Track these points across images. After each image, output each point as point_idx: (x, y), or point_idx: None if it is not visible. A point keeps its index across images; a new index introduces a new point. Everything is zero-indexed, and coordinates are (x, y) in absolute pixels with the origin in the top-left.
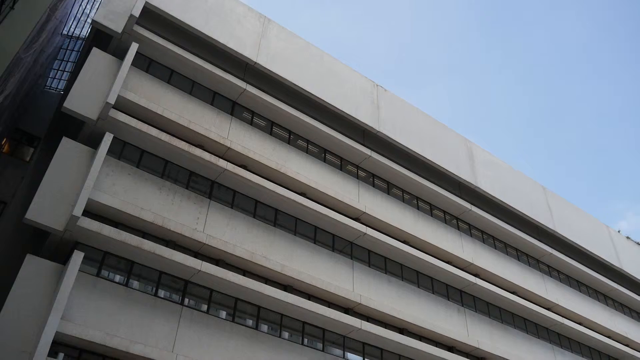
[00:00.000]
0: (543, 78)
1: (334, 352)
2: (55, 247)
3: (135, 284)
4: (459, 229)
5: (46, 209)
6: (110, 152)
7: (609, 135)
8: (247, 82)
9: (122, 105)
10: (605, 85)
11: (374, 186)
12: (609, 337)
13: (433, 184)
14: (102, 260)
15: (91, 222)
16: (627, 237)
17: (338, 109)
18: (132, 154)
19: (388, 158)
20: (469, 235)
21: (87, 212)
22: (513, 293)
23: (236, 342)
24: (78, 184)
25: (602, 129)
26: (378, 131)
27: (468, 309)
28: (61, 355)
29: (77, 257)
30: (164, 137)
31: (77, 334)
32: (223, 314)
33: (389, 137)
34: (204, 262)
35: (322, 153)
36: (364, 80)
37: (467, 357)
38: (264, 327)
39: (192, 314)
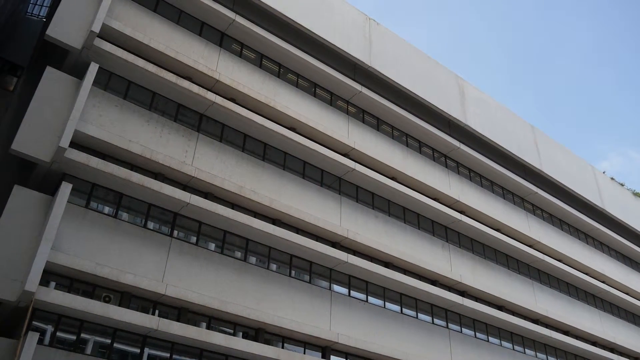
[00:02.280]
0: (533, 17)
1: (321, 284)
2: (42, 178)
3: (125, 215)
4: (446, 167)
5: (32, 139)
6: (96, 82)
7: (595, 76)
8: (236, 13)
9: (107, 34)
10: (593, 26)
11: (363, 122)
12: (587, 274)
13: (423, 121)
14: (90, 192)
15: (78, 154)
16: (612, 178)
17: (329, 42)
18: (118, 85)
19: (378, 94)
20: (457, 173)
21: (74, 144)
22: (497, 230)
23: (225, 273)
24: (64, 114)
25: (588, 69)
26: (369, 66)
27: (452, 245)
28: (53, 284)
29: (65, 188)
30: (151, 68)
31: (67, 263)
32: (212, 246)
33: (380, 73)
34: (192, 195)
35: (312, 87)
36: (356, 13)
37: (450, 291)
38: (253, 259)
39: (181, 245)
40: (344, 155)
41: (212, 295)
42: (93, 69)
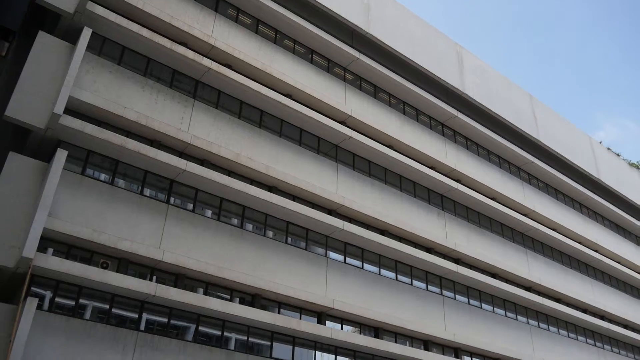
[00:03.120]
0: None
1: (317, 251)
2: (37, 145)
3: (121, 182)
4: (443, 135)
5: (26, 106)
6: (89, 48)
7: (592, 46)
8: None
9: None
10: None
11: (360, 89)
12: (580, 243)
13: (420, 89)
14: (86, 159)
15: (73, 120)
16: (608, 149)
17: (326, 7)
18: (112, 51)
19: (376, 61)
20: (453, 141)
21: (68, 110)
22: (492, 199)
23: (222, 240)
24: (58, 80)
25: (586, 39)
26: (367, 32)
27: (448, 213)
28: (50, 250)
29: (61, 155)
30: (145, 33)
31: (64, 230)
32: (209, 213)
33: (377, 39)
34: (189, 162)
35: (309, 54)
36: None
37: (444, 258)
38: (249, 226)
39: (178, 212)
40: (341, 122)
41: (209, 262)
42: (86, 33)
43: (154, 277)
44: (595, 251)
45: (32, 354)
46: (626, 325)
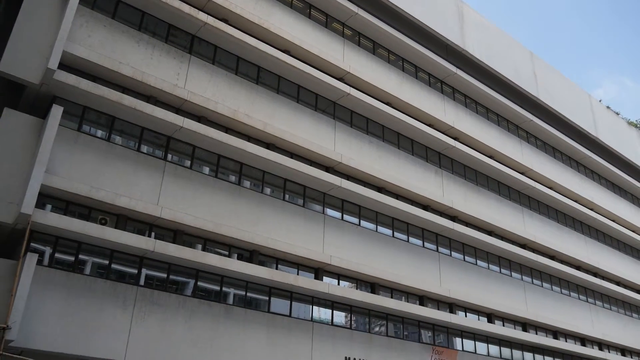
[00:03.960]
0: None
1: (314, 208)
2: (32, 101)
3: (118, 139)
4: (442, 92)
5: (20, 61)
6: (82, 1)
7: (593, 2)
8: None
9: None
10: None
11: (359, 45)
12: (576, 201)
13: (420, 45)
14: (82, 115)
15: (68, 76)
16: (607, 107)
17: None
18: (106, 4)
19: (375, 16)
20: (452, 99)
21: (63, 65)
22: (490, 157)
23: (220, 197)
24: (51, 35)
25: None
26: None
27: (445, 171)
28: (49, 206)
29: (56, 111)
30: None
31: (62, 186)
32: (206, 170)
33: None
34: (185, 119)
35: (306, 9)
36: None
37: (441, 216)
38: (247, 183)
39: (175, 169)
40: (339, 79)
41: (207, 218)
42: None
43: (153, 234)
44: (591, 209)
45: (34, 308)
46: (618, 282)
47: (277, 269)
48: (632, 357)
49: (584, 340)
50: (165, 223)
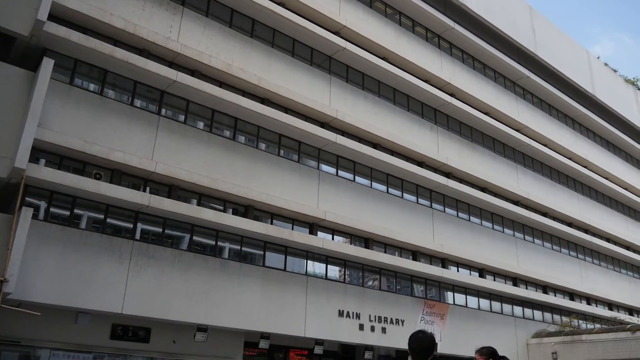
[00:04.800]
0: None
1: (309, 164)
2: (22, 53)
3: (111, 93)
4: (439, 48)
5: (8, 12)
6: None
7: None
8: None
9: None
10: None
11: None
12: (570, 158)
13: None
14: (73, 69)
15: (58, 28)
16: (605, 64)
17: None
18: None
19: None
20: (449, 54)
21: (53, 17)
22: (486, 114)
23: (214, 152)
24: None
25: None
26: None
27: (440, 127)
28: (42, 161)
29: (47, 63)
30: None
31: (55, 141)
32: (200, 124)
33: None
34: (179, 73)
35: None
36: None
37: (435, 172)
38: (241, 138)
39: (169, 124)
40: (335, 33)
41: (201, 173)
42: None
43: (147, 189)
44: (585, 167)
45: (31, 261)
46: (608, 239)
47: (272, 224)
48: (618, 311)
49: (572, 295)
50: (160, 178)
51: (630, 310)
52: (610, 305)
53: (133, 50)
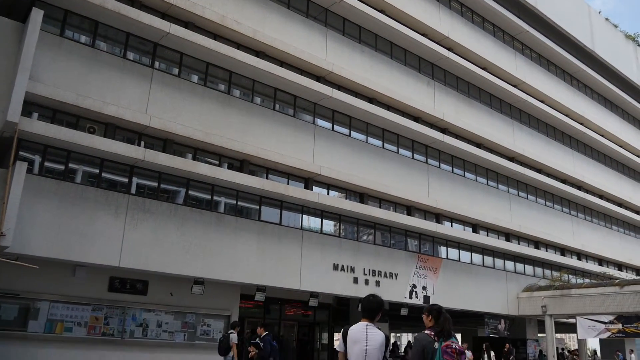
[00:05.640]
0: None
1: (305, 118)
2: (10, 4)
3: (103, 45)
4: (438, 0)
5: None
6: None
7: None
8: None
9: None
10: None
11: None
12: (567, 115)
13: None
14: (64, 20)
15: None
16: (606, 19)
17: None
18: None
19: None
20: (448, 7)
21: None
22: (484, 69)
23: (209, 106)
24: None
25: None
26: None
27: (437, 82)
28: (35, 115)
29: (37, 14)
30: None
31: (47, 94)
32: (195, 78)
33: None
34: (172, 25)
35: None
36: None
37: (431, 128)
38: (236, 92)
39: (163, 77)
40: None
41: (196, 127)
42: None
43: (142, 143)
44: (581, 124)
45: (27, 215)
46: (601, 195)
47: (267, 178)
48: (608, 267)
49: (563, 250)
50: (154, 132)
51: (620, 266)
52: (600, 260)
53: (125, 0)
